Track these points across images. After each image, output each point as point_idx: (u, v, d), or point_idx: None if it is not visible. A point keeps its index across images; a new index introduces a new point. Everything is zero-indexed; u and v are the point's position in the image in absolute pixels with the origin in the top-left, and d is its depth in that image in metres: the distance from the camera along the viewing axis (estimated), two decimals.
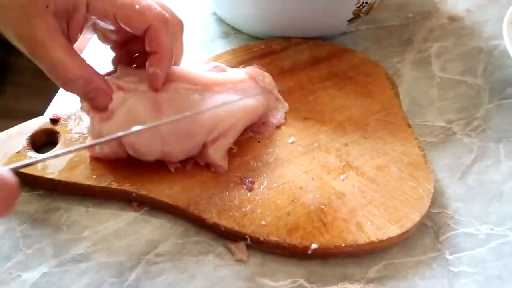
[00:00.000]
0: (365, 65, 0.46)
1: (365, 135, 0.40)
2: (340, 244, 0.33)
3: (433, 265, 0.34)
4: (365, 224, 0.34)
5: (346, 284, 0.32)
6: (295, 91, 0.43)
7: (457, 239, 0.35)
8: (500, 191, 0.38)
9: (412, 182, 0.36)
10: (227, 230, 0.33)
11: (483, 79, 0.48)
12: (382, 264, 0.33)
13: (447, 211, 0.37)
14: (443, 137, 0.43)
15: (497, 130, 0.43)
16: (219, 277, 0.32)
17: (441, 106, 0.45)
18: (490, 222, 0.36)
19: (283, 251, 0.33)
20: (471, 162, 0.41)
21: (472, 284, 0.33)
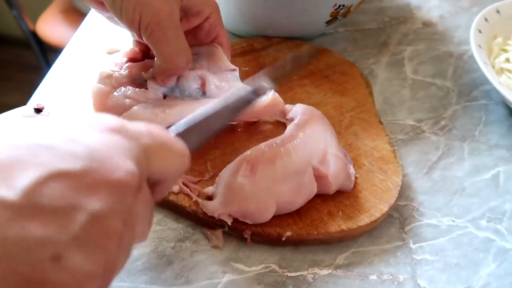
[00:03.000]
0: (341, 65, 0.48)
1: (339, 131, 0.42)
2: (313, 232, 0.34)
3: (397, 253, 0.36)
4: (336, 214, 0.36)
5: (316, 270, 0.34)
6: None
7: (420, 229, 0.38)
8: (462, 186, 0.41)
9: (381, 175, 0.38)
10: (205, 217, 0.35)
11: (452, 81, 0.51)
12: (351, 252, 0.36)
13: (413, 204, 0.39)
14: (412, 134, 0.45)
15: (462, 129, 0.46)
16: (195, 262, 0.34)
17: (411, 106, 0.48)
18: (451, 214, 0.39)
19: (258, 237, 0.35)
20: (437, 158, 0.43)
21: (433, 270, 0.35)
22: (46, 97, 0.43)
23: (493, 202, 0.40)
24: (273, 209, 0.33)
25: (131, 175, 0.19)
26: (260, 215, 0.33)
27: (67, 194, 0.17)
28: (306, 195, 0.34)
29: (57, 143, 0.18)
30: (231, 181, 0.34)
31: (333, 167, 0.35)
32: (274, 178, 0.33)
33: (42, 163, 0.17)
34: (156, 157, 0.22)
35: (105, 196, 0.18)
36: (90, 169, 0.18)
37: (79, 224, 0.17)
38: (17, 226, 0.16)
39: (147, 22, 0.33)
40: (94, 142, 0.19)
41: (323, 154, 0.35)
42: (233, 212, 0.33)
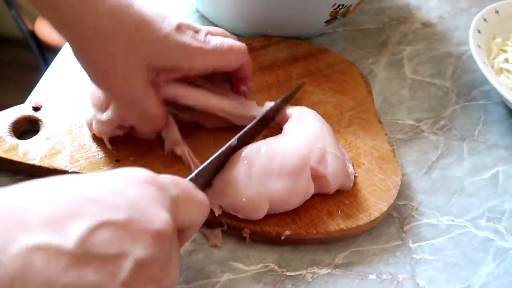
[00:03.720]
0: (340, 64, 0.48)
1: (338, 130, 0.42)
2: (312, 231, 0.34)
3: (397, 253, 0.36)
4: (336, 213, 0.35)
5: (315, 269, 0.34)
6: (273, 86, 0.45)
7: (420, 229, 0.38)
8: (461, 186, 0.41)
9: (380, 174, 0.38)
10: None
11: (451, 81, 0.51)
12: (350, 251, 0.35)
13: (412, 203, 0.39)
14: (411, 134, 0.45)
15: (461, 129, 0.46)
16: (193, 261, 0.34)
17: (411, 106, 0.48)
18: (451, 214, 0.39)
19: (257, 237, 0.34)
20: (436, 158, 0.43)
21: (432, 270, 0.35)
22: (44, 95, 0.43)
23: (492, 201, 0.40)
24: (266, 206, 0.33)
25: (167, 224, 0.21)
26: (252, 211, 0.33)
27: (114, 242, 0.19)
28: (302, 195, 0.34)
29: (102, 196, 0.21)
30: (226, 174, 0.33)
31: (332, 166, 0.34)
32: (269, 175, 0.33)
33: (91, 215, 0.19)
34: (183, 207, 0.24)
35: (147, 244, 0.20)
36: (132, 219, 0.20)
37: (126, 270, 0.19)
38: (74, 272, 0.18)
39: (113, 96, 0.33)
40: (133, 194, 0.21)
41: (321, 154, 0.35)
42: (224, 204, 0.33)
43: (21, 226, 0.18)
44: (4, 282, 0.16)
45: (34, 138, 0.38)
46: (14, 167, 0.36)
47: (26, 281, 0.17)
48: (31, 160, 0.36)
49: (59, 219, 0.19)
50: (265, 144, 0.34)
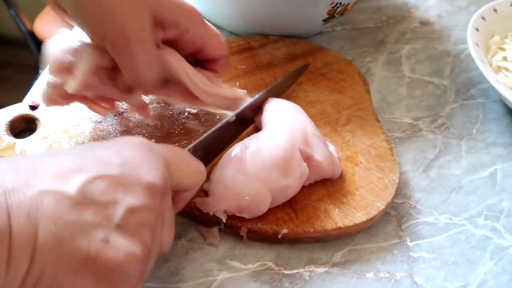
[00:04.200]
0: (338, 63, 0.48)
1: (336, 128, 0.42)
2: (309, 229, 0.34)
3: (394, 251, 0.36)
4: (333, 211, 0.35)
5: (312, 267, 0.34)
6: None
7: (417, 227, 0.38)
8: (459, 184, 0.41)
9: (378, 172, 0.38)
10: (201, 215, 0.34)
11: (449, 80, 0.51)
12: (347, 249, 0.35)
13: (410, 202, 0.39)
14: (409, 133, 0.45)
15: (459, 128, 0.46)
16: (190, 259, 0.34)
17: (409, 104, 0.48)
18: (448, 212, 0.39)
19: (254, 235, 0.34)
20: (434, 156, 0.43)
21: (430, 268, 0.35)
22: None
23: (490, 200, 0.40)
24: (269, 199, 0.33)
25: (158, 179, 0.25)
26: (256, 207, 0.33)
27: (109, 191, 0.23)
28: (298, 177, 0.34)
29: (101, 155, 0.25)
30: (222, 178, 0.33)
31: (317, 146, 0.35)
32: (263, 167, 0.33)
33: (90, 169, 0.23)
34: (176, 169, 0.27)
35: (137, 194, 0.24)
36: (125, 174, 0.24)
37: (119, 215, 0.23)
38: (75, 213, 0.22)
39: (111, 38, 0.30)
40: (128, 154, 0.25)
41: (304, 136, 0.35)
42: (228, 208, 0.33)
43: (35, 177, 0.22)
44: (23, 213, 0.21)
45: (31, 137, 0.38)
46: None
47: (38, 215, 0.21)
48: None
49: (64, 173, 0.23)
50: (250, 140, 0.34)
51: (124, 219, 0.23)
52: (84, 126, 0.39)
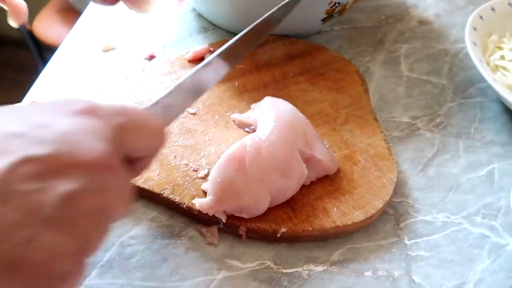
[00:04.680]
0: (337, 62, 0.48)
1: (334, 128, 0.42)
2: (307, 228, 0.34)
3: (392, 250, 0.36)
4: (331, 210, 0.36)
5: (311, 266, 0.34)
6: (270, 85, 0.45)
7: (415, 226, 0.38)
8: (457, 183, 0.41)
9: (376, 172, 0.39)
10: (200, 214, 0.35)
11: (447, 79, 0.51)
12: (346, 248, 0.36)
13: (408, 200, 0.39)
14: (407, 132, 0.45)
15: (457, 126, 0.46)
16: (190, 259, 0.34)
17: (407, 103, 0.48)
18: (446, 210, 0.39)
19: (253, 234, 0.35)
20: (432, 155, 0.43)
21: (428, 266, 0.35)
22: (41, 94, 0.43)
23: (488, 198, 0.40)
24: (268, 199, 0.33)
25: (101, 153, 0.20)
26: (255, 207, 0.33)
27: (35, 178, 0.18)
28: (296, 177, 0.34)
29: (27, 130, 0.19)
30: (221, 178, 0.34)
31: (316, 146, 0.36)
32: (263, 168, 0.33)
33: (13, 151, 0.19)
34: (130, 135, 0.23)
35: (75, 178, 0.19)
36: (59, 152, 0.19)
37: (47, 206, 0.18)
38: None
39: None
40: (63, 126, 0.20)
41: (304, 137, 0.35)
42: (228, 208, 0.33)
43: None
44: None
45: None
46: None
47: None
48: None
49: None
50: (249, 140, 0.35)
51: (54, 211, 0.19)
52: None
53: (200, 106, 0.42)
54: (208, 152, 0.38)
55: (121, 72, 0.45)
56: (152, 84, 0.44)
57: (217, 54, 0.31)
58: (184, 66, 0.46)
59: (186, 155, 0.38)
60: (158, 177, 0.36)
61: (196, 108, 0.42)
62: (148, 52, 0.48)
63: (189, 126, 0.40)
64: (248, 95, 0.44)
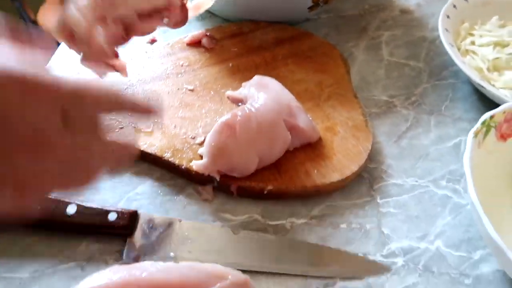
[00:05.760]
0: (322, 47, 0.53)
1: (318, 103, 0.47)
2: (291, 186, 0.39)
3: (366, 207, 0.41)
4: (312, 172, 0.41)
5: (293, 219, 0.39)
6: (261, 66, 0.50)
7: (387, 188, 0.43)
8: (427, 152, 0.46)
9: (354, 141, 0.43)
10: (197, 175, 0.40)
11: (424, 63, 0.56)
12: (325, 205, 0.41)
13: (382, 167, 0.44)
14: (385, 108, 0.50)
15: (431, 105, 0.51)
16: (188, 212, 0.39)
17: (386, 84, 0.53)
18: (415, 175, 0.44)
19: (243, 192, 0.39)
20: (406, 129, 0.48)
21: (396, 221, 0.40)
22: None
23: (453, 166, 0.45)
24: (256, 160, 0.38)
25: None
26: (245, 168, 0.38)
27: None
28: (281, 143, 0.39)
29: None
30: (216, 143, 0.38)
31: (300, 116, 0.40)
32: (251, 134, 0.38)
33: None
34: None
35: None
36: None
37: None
38: None
39: None
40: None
41: (289, 108, 0.40)
42: (221, 168, 0.38)
43: None
44: None
45: None
46: None
47: None
48: None
49: None
50: (239, 111, 0.39)
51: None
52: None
53: (197, 84, 0.47)
54: (204, 123, 0.43)
55: (126, 54, 0.50)
56: (154, 64, 0.49)
57: None
58: (183, 48, 0.51)
59: (184, 125, 0.43)
60: (160, 143, 0.41)
61: (194, 85, 0.47)
62: (150, 37, 0.53)
63: (187, 101, 0.45)
64: (241, 75, 0.49)
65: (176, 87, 0.46)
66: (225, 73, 0.49)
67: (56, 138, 0.23)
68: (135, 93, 0.45)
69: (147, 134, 0.42)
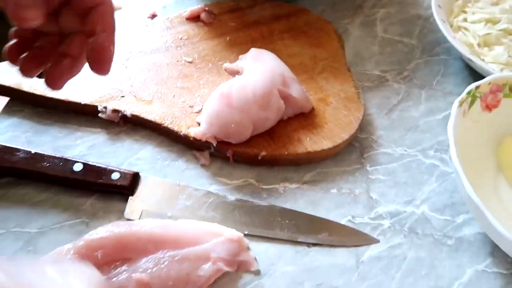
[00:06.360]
0: (318, 22, 0.54)
1: (312, 76, 0.48)
2: (284, 152, 0.41)
3: (355, 174, 0.43)
4: (305, 139, 0.42)
5: (286, 184, 0.41)
6: (258, 40, 0.52)
7: (377, 156, 0.45)
8: (416, 124, 0.48)
9: (345, 111, 0.45)
10: (195, 141, 0.41)
11: (417, 40, 0.57)
12: (316, 171, 0.43)
13: (372, 137, 0.46)
14: (377, 82, 0.52)
15: (422, 79, 0.53)
16: (186, 176, 0.41)
17: (379, 59, 0.54)
18: (405, 145, 0.46)
19: (239, 157, 0.41)
20: (397, 102, 0.50)
21: (384, 187, 0.42)
22: None
23: (442, 137, 0.47)
24: (250, 127, 0.40)
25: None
26: (240, 134, 0.40)
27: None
28: (275, 111, 0.41)
29: None
30: (212, 110, 0.40)
31: (293, 87, 0.42)
32: (246, 102, 0.40)
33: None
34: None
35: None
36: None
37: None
38: None
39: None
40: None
41: (283, 78, 0.42)
42: (217, 134, 0.40)
43: None
44: None
45: None
46: (36, 100, 0.43)
47: None
48: (50, 94, 0.43)
49: None
50: (235, 81, 0.41)
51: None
52: None
53: (196, 56, 0.49)
54: (202, 93, 0.45)
55: (127, 28, 0.51)
56: (154, 37, 0.50)
57: None
58: (182, 23, 0.52)
59: (183, 95, 0.45)
60: (160, 111, 0.43)
61: (192, 58, 0.48)
62: (151, 12, 0.54)
63: (186, 72, 0.47)
64: (238, 48, 0.50)
65: (175, 59, 0.48)
66: (223, 47, 0.50)
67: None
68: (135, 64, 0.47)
69: (147, 102, 0.44)
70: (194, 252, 0.34)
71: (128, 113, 0.43)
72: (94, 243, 0.33)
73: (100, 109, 0.42)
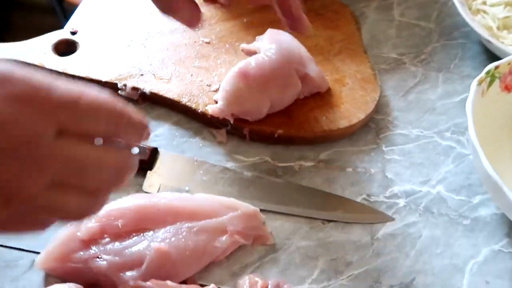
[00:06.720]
0: (334, 5, 0.54)
1: (328, 57, 0.49)
2: (300, 131, 0.42)
3: (371, 154, 0.43)
4: (321, 118, 0.43)
5: (301, 162, 0.42)
6: (274, 22, 0.51)
7: (393, 137, 0.45)
8: (433, 107, 0.48)
9: (361, 91, 0.45)
10: (212, 118, 0.42)
11: (435, 23, 0.57)
12: (332, 150, 0.43)
13: (389, 118, 0.46)
14: (394, 65, 0.51)
15: (439, 62, 0.52)
16: (203, 153, 0.42)
17: (396, 43, 0.54)
18: (421, 127, 0.46)
19: (255, 135, 0.42)
20: (414, 84, 0.50)
21: (399, 167, 0.42)
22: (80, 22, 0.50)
23: (458, 119, 0.47)
24: (267, 104, 0.40)
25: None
26: (257, 111, 0.40)
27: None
28: (292, 90, 0.41)
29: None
30: (230, 88, 0.41)
31: (310, 66, 0.42)
32: (264, 80, 0.40)
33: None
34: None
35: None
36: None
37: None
38: None
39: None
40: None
41: (300, 58, 0.42)
42: (234, 112, 0.41)
43: None
44: None
45: (71, 56, 0.45)
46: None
47: None
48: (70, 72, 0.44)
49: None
50: (253, 59, 0.41)
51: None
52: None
53: (213, 37, 0.49)
54: (219, 72, 0.46)
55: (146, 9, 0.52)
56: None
57: None
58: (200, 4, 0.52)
59: (201, 74, 0.45)
60: (178, 89, 0.44)
61: (210, 39, 0.49)
62: None
63: (203, 52, 0.47)
64: (255, 30, 0.50)
65: (193, 40, 0.48)
66: (240, 28, 0.50)
67: (48, 150, 0.21)
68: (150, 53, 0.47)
69: (165, 81, 0.44)
70: (211, 225, 0.35)
71: (147, 91, 0.43)
72: (114, 212, 0.34)
73: (120, 86, 0.43)
